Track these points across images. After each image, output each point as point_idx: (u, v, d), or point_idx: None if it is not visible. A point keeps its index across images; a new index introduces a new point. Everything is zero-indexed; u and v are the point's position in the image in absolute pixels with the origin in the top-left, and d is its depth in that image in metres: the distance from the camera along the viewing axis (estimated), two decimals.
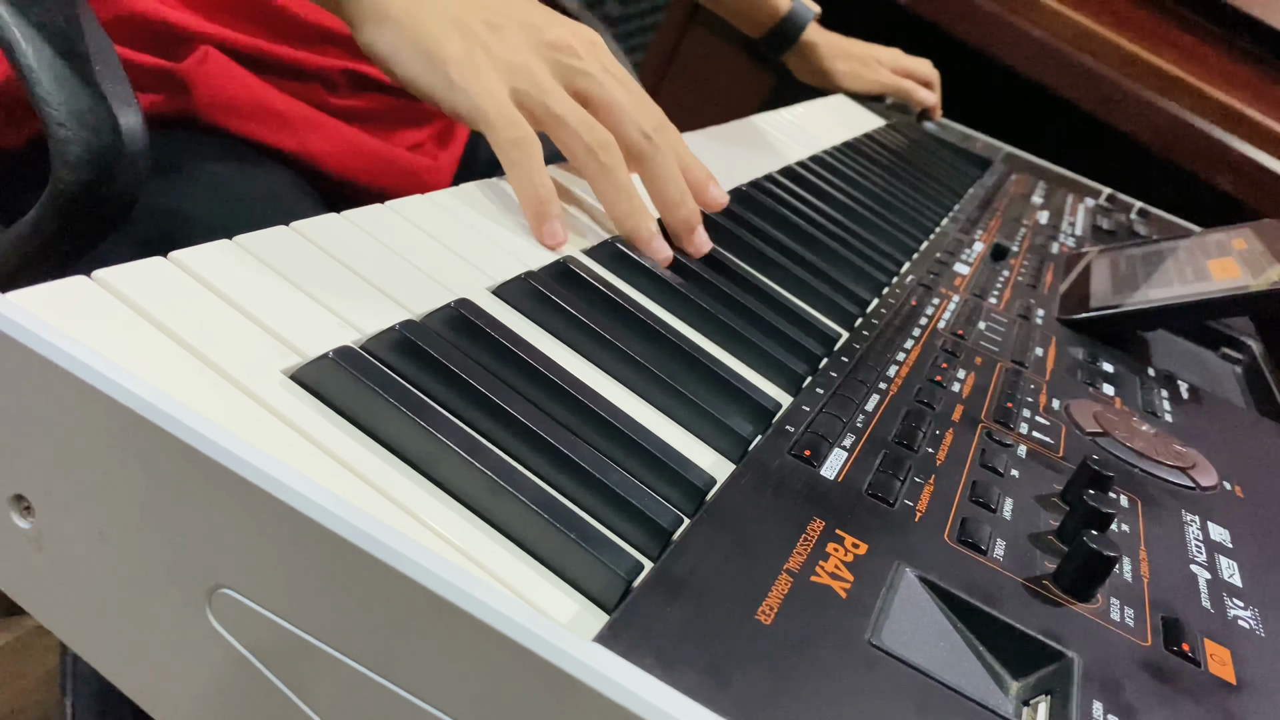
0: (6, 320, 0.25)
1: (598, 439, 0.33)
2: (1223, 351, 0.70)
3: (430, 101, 0.47)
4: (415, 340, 0.32)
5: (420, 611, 0.23)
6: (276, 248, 0.35)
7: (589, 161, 0.47)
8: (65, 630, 0.28)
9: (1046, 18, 1.32)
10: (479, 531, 0.28)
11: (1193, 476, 0.44)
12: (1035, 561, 0.34)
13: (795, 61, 1.08)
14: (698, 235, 0.49)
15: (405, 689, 0.24)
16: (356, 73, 0.68)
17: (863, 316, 0.52)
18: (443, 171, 0.76)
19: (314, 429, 0.28)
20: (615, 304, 0.41)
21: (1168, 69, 1.28)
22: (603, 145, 0.46)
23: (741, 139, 0.73)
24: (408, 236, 0.40)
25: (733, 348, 0.43)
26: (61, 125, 0.44)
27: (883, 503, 0.34)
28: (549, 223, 0.45)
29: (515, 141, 0.45)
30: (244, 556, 0.25)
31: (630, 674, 0.22)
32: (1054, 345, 0.56)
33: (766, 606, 0.27)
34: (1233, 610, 0.35)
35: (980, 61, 1.32)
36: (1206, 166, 1.25)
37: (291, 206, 0.61)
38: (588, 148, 0.46)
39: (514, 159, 0.45)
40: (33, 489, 0.27)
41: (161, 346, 0.28)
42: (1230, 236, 0.69)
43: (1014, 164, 1.09)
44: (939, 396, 0.44)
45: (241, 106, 0.63)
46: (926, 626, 0.29)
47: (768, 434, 0.36)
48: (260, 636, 0.25)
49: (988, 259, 0.69)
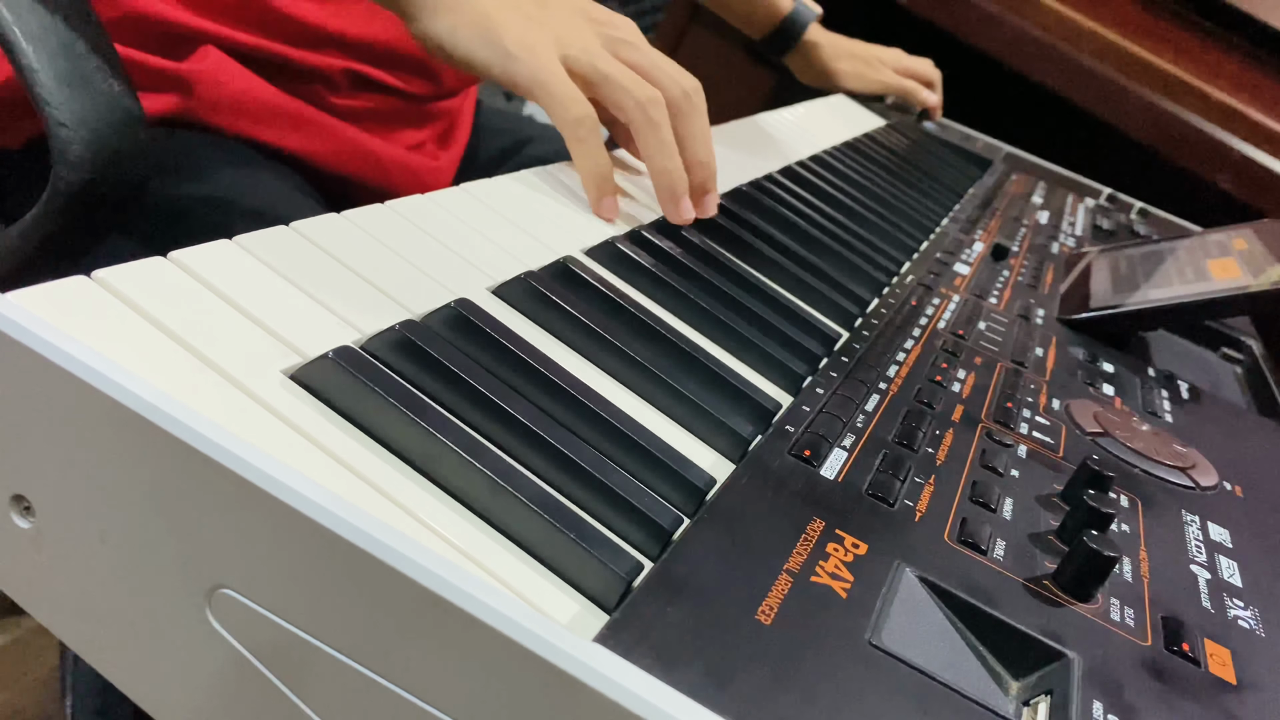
0: (6, 320, 0.25)
1: (598, 439, 0.33)
2: (1223, 351, 0.70)
3: (488, 77, 0.49)
4: (415, 340, 0.32)
5: (420, 611, 0.23)
6: (276, 248, 0.34)
7: (637, 115, 0.49)
8: (65, 631, 0.28)
9: (1046, 18, 1.32)
10: (479, 531, 0.28)
11: (1193, 476, 0.44)
12: (1035, 561, 0.34)
13: (797, 62, 1.08)
14: (709, 199, 0.53)
15: (405, 689, 0.24)
16: (357, 73, 0.68)
17: (863, 316, 0.52)
18: (443, 171, 0.76)
19: (314, 429, 0.28)
20: (615, 304, 0.41)
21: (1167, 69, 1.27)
22: (652, 101, 0.49)
23: (741, 139, 0.73)
24: (408, 236, 0.40)
25: (733, 348, 0.43)
26: (62, 125, 0.44)
27: (883, 503, 0.34)
28: (608, 198, 0.49)
29: (580, 120, 0.48)
30: (244, 556, 0.25)
31: (630, 674, 0.22)
32: (1054, 345, 0.56)
33: (766, 606, 0.27)
34: (1233, 610, 0.35)
35: (980, 61, 1.32)
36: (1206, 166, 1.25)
37: (291, 206, 0.61)
38: (638, 103, 0.49)
39: (579, 136, 0.48)
40: (33, 489, 0.27)
41: (161, 346, 0.28)
42: (1230, 236, 0.69)
43: (1014, 164, 1.09)
44: (939, 396, 0.44)
45: (242, 106, 0.63)
46: (926, 626, 0.29)
47: (768, 434, 0.36)
48: (260, 636, 0.25)
49: (988, 259, 0.69)
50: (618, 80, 0.49)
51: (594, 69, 0.49)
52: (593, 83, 0.49)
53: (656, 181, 0.50)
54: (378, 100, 0.70)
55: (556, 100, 0.48)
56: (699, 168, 0.51)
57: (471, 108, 0.83)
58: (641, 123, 0.49)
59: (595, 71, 0.49)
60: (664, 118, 0.50)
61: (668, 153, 0.50)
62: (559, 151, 0.50)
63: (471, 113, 0.83)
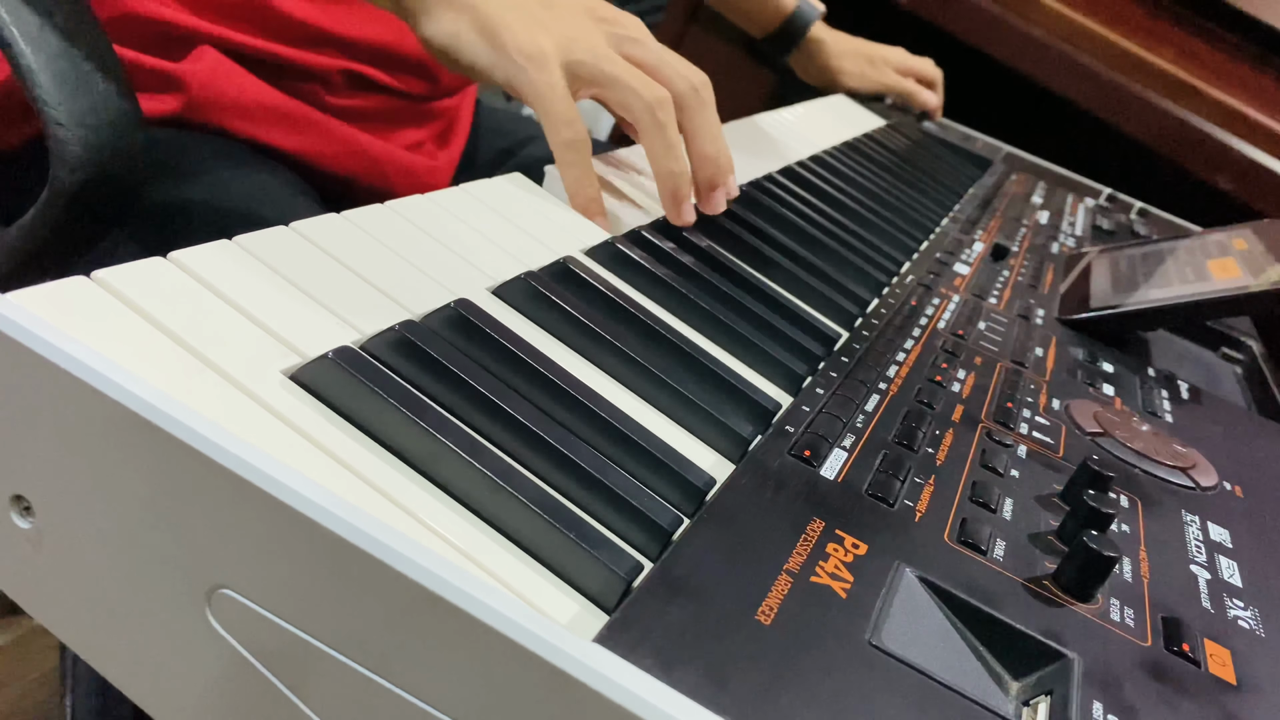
0: (6, 320, 0.25)
1: (598, 439, 0.33)
2: (1223, 351, 0.70)
3: (491, 81, 0.49)
4: (415, 340, 0.32)
5: (420, 612, 0.23)
6: (276, 248, 0.34)
7: (644, 117, 0.49)
8: (65, 630, 0.28)
9: (1046, 18, 1.32)
10: (479, 532, 0.28)
11: (1193, 476, 0.44)
12: (1035, 561, 0.34)
13: (800, 61, 1.08)
14: (718, 194, 0.53)
15: (405, 689, 0.24)
16: (355, 72, 0.68)
17: (863, 316, 0.52)
18: (442, 171, 0.76)
19: (314, 429, 0.28)
20: (615, 304, 0.41)
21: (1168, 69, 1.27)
22: (659, 102, 0.49)
23: (741, 139, 0.73)
24: (408, 236, 0.40)
25: (733, 348, 0.43)
26: (60, 125, 0.44)
27: (883, 503, 0.34)
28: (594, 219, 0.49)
29: (570, 143, 0.48)
30: (244, 556, 0.25)
31: (630, 674, 0.22)
32: (1054, 345, 0.56)
33: (766, 607, 0.27)
34: (1233, 610, 0.35)
35: (980, 61, 1.32)
36: (1206, 166, 1.25)
37: (291, 206, 0.61)
38: (645, 105, 0.49)
39: (569, 160, 0.49)
40: (33, 489, 0.27)
41: (161, 346, 0.28)
42: (1230, 236, 0.69)
43: (1014, 164, 1.09)
44: (939, 396, 0.44)
45: (240, 106, 0.63)
46: (926, 626, 0.29)
47: (768, 434, 0.36)
48: (260, 637, 0.25)
49: (988, 259, 0.69)
50: (625, 82, 0.49)
51: (600, 72, 0.49)
52: (599, 85, 0.49)
53: (661, 184, 0.50)
54: (376, 100, 0.70)
55: (551, 120, 0.48)
56: (706, 163, 0.52)
57: (470, 107, 0.83)
58: (648, 125, 0.49)
59: (602, 74, 0.49)
60: (670, 119, 0.50)
61: (673, 155, 0.50)
62: None
63: (470, 112, 0.83)
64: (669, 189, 0.50)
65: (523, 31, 0.48)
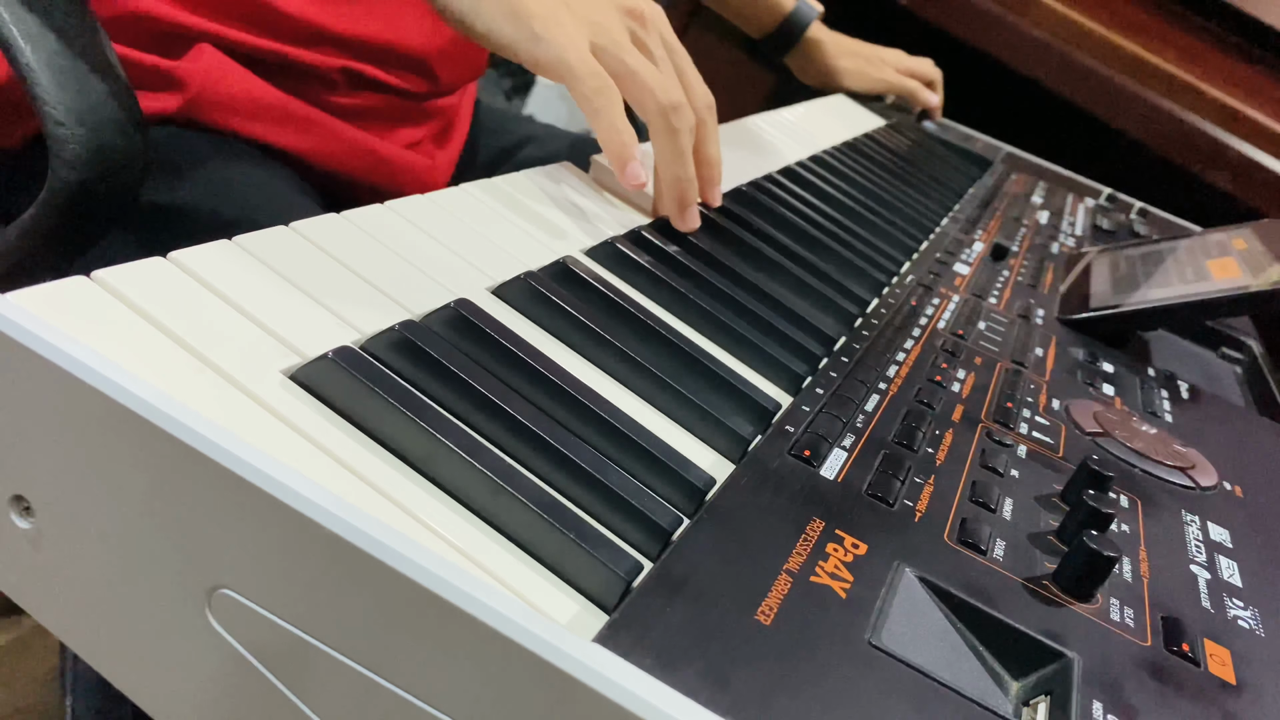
0: (6, 320, 0.25)
1: (597, 439, 0.33)
2: (1223, 351, 0.70)
3: (511, 55, 0.48)
4: (415, 340, 0.32)
5: (420, 612, 0.23)
6: (276, 248, 0.34)
7: (658, 119, 0.49)
8: (65, 631, 0.28)
9: (1046, 18, 1.32)
10: (479, 532, 0.28)
11: (1192, 476, 0.44)
12: (1035, 561, 0.34)
13: (798, 61, 1.08)
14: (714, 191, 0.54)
15: (405, 689, 0.24)
16: (354, 71, 0.68)
17: (862, 316, 0.52)
18: (440, 171, 0.76)
19: (313, 429, 0.28)
20: (615, 304, 0.41)
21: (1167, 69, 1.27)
22: (676, 107, 0.49)
23: (741, 139, 0.73)
24: (408, 236, 0.40)
25: (733, 348, 0.43)
26: (60, 124, 0.44)
27: (882, 503, 0.34)
28: (631, 164, 0.48)
29: (598, 90, 0.47)
30: (244, 556, 0.25)
31: (630, 674, 0.22)
32: (1054, 345, 0.56)
33: (766, 607, 0.27)
34: (1233, 610, 0.35)
35: (980, 61, 1.32)
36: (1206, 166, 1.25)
37: (291, 206, 0.61)
38: (660, 107, 0.49)
39: (597, 106, 0.47)
40: (32, 489, 0.27)
41: (161, 346, 0.28)
42: (1230, 236, 0.69)
43: (1014, 164, 1.09)
44: (939, 396, 0.44)
45: (240, 105, 0.63)
46: (926, 626, 0.29)
47: (768, 434, 0.36)
48: (260, 636, 0.25)
49: (988, 259, 0.69)
50: (643, 78, 0.48)
51: (620, 62, 0.48)
52: (618, 75, 0.48)
53: (667, 189, 0.50)
54: (375, 98, 0.70)
55: (576, 76, 0.47)
56: (708, 165, 0.52)
57: (470, 106, 0.83)
58: (661, 127, 0.49)
59: (622, 65, 0.48)
60: (684, 125, 0.49)
61: (683, 162, 0.49)
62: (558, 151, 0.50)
63: (470, 111, 0.83)
64: (675, 194, 0.50)
65: (546, 10, 0.48)
